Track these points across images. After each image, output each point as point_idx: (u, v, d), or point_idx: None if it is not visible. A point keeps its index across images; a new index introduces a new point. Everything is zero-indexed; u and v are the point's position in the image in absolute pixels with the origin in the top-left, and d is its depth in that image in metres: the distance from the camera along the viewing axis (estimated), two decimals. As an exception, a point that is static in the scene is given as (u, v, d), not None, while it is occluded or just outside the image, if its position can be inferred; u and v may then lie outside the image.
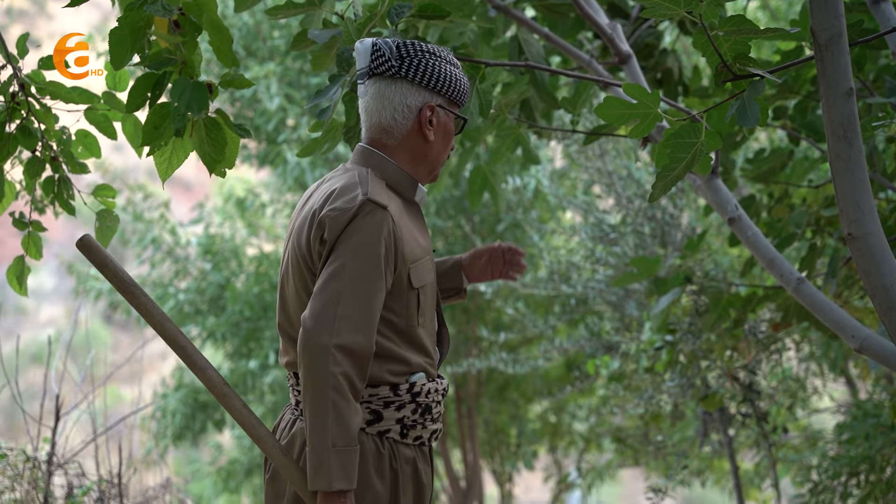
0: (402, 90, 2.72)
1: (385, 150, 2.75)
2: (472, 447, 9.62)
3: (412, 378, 2.69)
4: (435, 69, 2.72)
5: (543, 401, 9.68)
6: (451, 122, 2.79)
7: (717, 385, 5.67)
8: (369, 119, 2.76)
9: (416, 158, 2.77)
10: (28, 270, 3.22)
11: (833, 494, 5.87)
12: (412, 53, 2.71)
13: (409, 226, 2.71)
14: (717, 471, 8.52)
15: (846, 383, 7.62)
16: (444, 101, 2.76)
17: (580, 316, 7.58)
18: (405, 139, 2.75)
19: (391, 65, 2.70)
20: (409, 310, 2.67)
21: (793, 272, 3.24)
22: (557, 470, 10.50)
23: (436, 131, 2.76)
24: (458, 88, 2.76)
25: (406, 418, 2.68)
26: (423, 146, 2.76)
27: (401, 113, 2.73)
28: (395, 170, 2.73)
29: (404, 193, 2.74)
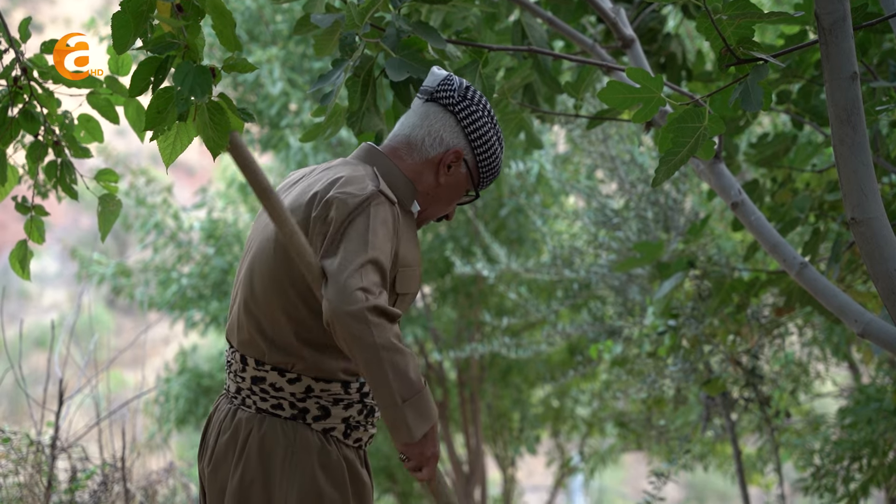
0: (446, 123, 2.73)
1: (396, 160, 2.74)
2: (474, 431, 9.63)
3: (363, 378, 2.66)
4: (483, 128, 2.74)
5: (546, 385, 9.69)
6: (465, 183, 2.77)
7: (720, 369, 5.67)
8: (401, 130, 2.77)
9: (422, 190, 2.75)
10: (31, 255, 3.23)
11: (835, 478, 5.88)
12: (475, 101, 2.74)
13: (407, 231, 2.70)
14: (719, 455, 8.53)
15: (849, 368, 7.62)
16: (472, 162, 2.75)
17: (583, 300, 7.58)
18: (420, 165, 2.73)
19: (452, 98, 2.73)
20: None
21: (796, 257, 3.24)
22: (560, 454, 10.52)
23: (448, 179, 2.75)
24: (489, 161, 2.76)
25: (352, 418, 2.68)
26: (430, 183, 2.75)
27: (432, 139, 2.73)
28: (398, 175, 2.72)
29: (403, 200, 2.71)
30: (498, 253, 7.09)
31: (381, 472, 9.61)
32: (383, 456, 9.40)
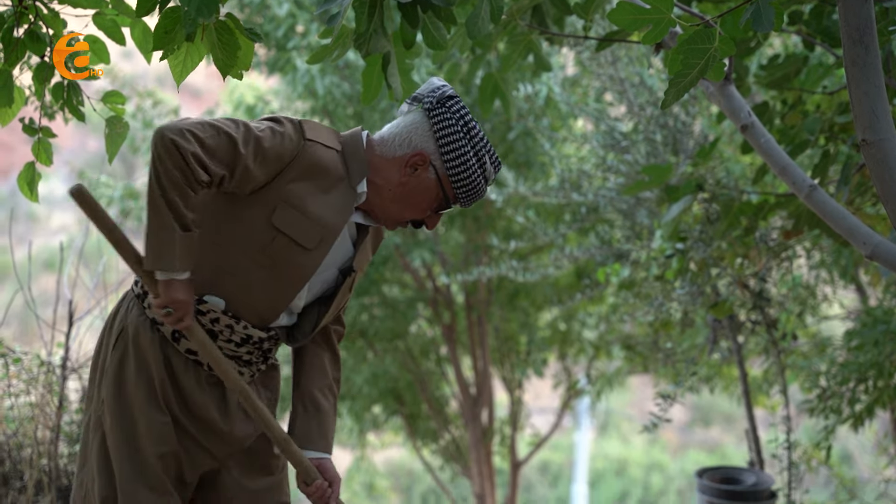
0: (420, 126, 2.77)
1: (367, 147, 2.81)
2: (482, 354, 9.69)
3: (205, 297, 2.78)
4: (456, 141, 2.75)
5: (553, 308, 9.73)
6: (433, 190, 2.79)
7: (727, 292, 5.68)
8: (385, 128, 2.85)
9: (382, 184, 2.79)
10: (39, 177, 3.22)
11: (841, 400, 5.92)
12: (451, 111, 2.76)
13: (322, 185, 2.73)
14: (725, 377, 8.58)
15: (856, 290, 7.63)
16: (441, 170, 2.77)
17: (591, 224, 7.57)
18: (386, 160, 2.79)
19: (431, 104, 2.76)
20: (246, 236, 2.72)
21: (805, 179, 3.23)
22: (567, 377, 10.59)
23: (412, 180, 2.77)
24: (461, 176, 2.77)
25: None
26: (394, 180, 2.78)
27: (402, 139, 2.79)
28: (360, 155, 2.78)
29: (351, 174, 2.77)
30: (506, 176, 7.07)
31: (390, 393, 9.69)
32: (391, 378, 9.47)
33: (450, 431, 10.25)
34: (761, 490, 5.86)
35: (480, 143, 2.77)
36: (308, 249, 2.76)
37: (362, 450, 11.20)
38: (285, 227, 2.71)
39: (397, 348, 9.52)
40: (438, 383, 10.23)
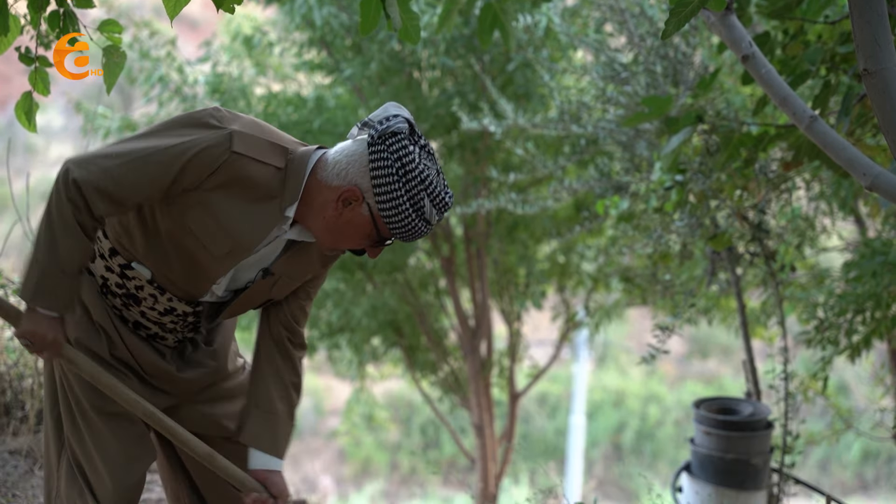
0: (358, 160, 2.67)
1: (316, 167, 2.72)
2: (481, 287, 9.71)
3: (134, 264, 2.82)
4: (389, 183, 2.64)
5: (552, 241, 9.73)
6: (367, 227, 2.71)
7: (726, 224, 5.68)
8: (339, 146, 2.74)
9: (318, 210, 2.73)
10: (36, 107, 3.20)
11: (838, 331, 5.94)
12: (390, 150, 2.63)
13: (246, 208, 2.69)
14: (723, 309, 8.62)
15: (855, 222, 7.64)
16: (374, 209, 2.67)
17: (590, 156, 7.55)
18: (325, 187, 2.70)
19: (372, 137, 2.65)
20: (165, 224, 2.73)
21: (806, 110, 3.21)
22: (565, 309, 10.63)
23: (345, 214, 2.69)
24: (394, 219, 2.67)
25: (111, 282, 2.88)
26: (330, 212, 2.71)
27: (339, 169, 2.69)
28: (299, 178, 2.70)
29: (286, 196, 2.71)
30: (505, 108, 7.04)
31: (389, 325, 9.73)
32: (390, 310, 9.49)
33: (449, 363, 10.30)
34: (758, 420, 5.90)
35: (419, 187, 2.63)
36: (216, 256, 2.74)
37: (361, 381, 11.26)
38: (196, 228, 2.70)
39: (396, 281, 9.55)
40: (437, 316, 10.26)
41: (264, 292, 2.88)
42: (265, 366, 2.98)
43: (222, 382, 3.06)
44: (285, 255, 2.83)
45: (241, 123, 2.67)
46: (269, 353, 2.99)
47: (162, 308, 2.86)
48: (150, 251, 2.77)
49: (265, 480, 2.91)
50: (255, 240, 2.73)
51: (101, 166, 2.60)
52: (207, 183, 2.64)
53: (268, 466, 2.92)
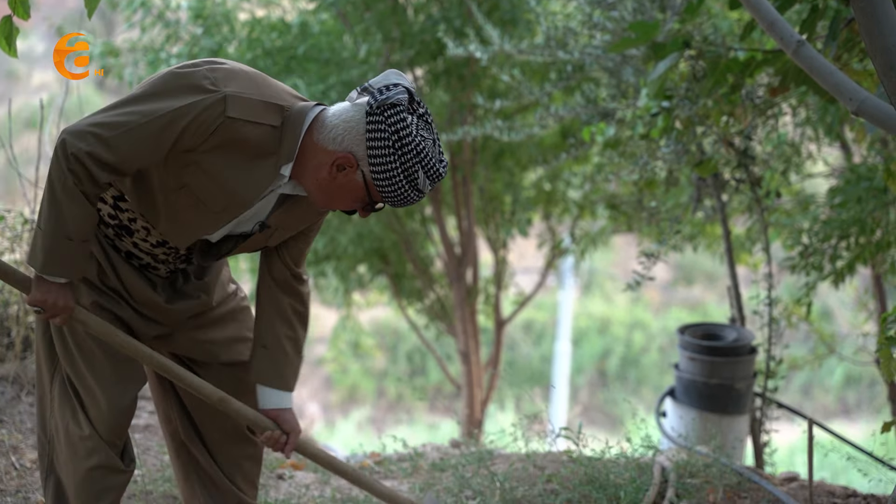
0: (355, 127, 2.68)
1: (312, 126, 2.73)
2: (466, 214, 9.71)
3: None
4: (385, 155, 2.66)
5: (538, 168, 9.71)
6: (360, 191, 2.73)
7: (713, 151, 5.68)
8: (336, 106, 2.75)
9: (312, 171, 2.74)
10: (17, 31, 3.16)
11: (822, 257, 5.97)
12: (388, 122, 2.65)
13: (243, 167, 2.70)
14: (708, 236, 8.64)
15: (841, 147, 7.64)
16: (368, 176, 2.69)
17: (576, 83, 7.51)
18: (320, 149, 2.71)
19: (370, 107, 2.66)
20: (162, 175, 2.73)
21: (793, 35, 3.19)
22: (551, 236, 10.64)
23: (339, 178, 2.71)
24: (388, 189, 2.70)
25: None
26: (324, 175, 2.73)
27: (335, 134, 2.70)
28: (295, 136, 2.71)
29: (281, 155, 2.72)
30: (491, 34, 6.98)
31: (374, 253, 9.73)
32: (376, 238, 9.50)
33: (435, 291, 10.33)
34: (742, 346, 5.95)
35: (414, 160, 2.66)
36: (213, 211, 2.76)
37: (348, 309, 11.29)
38: (193, 185, 2.72)
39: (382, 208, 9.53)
40: (423, 243, 10.27)
41: (261, 242, 2.93)
42: (269, 306, 3.03)
43: (213, 310, 3.08)
44: (281, 208, 2.86)
45: (235, 84, 2.67)
46: (272, 292, 3.03)
47: (154, 240, 2.87)
48: (142, 193, 2.77)
49: (276, 418, 3.00)
50: (252, 197, 2.76)
51: (99, 137, 2.62)
52: (203, 145, 2.66)
53: (279, 405, 3.01)
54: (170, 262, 2.94)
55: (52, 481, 2.99)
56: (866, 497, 4.32)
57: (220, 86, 2.64)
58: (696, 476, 4.36)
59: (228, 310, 3.12)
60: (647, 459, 4.49)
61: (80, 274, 2.75)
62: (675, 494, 4.15)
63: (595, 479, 4.16)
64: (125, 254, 2.90)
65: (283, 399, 3.02)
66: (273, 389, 3.01)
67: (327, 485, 4.41)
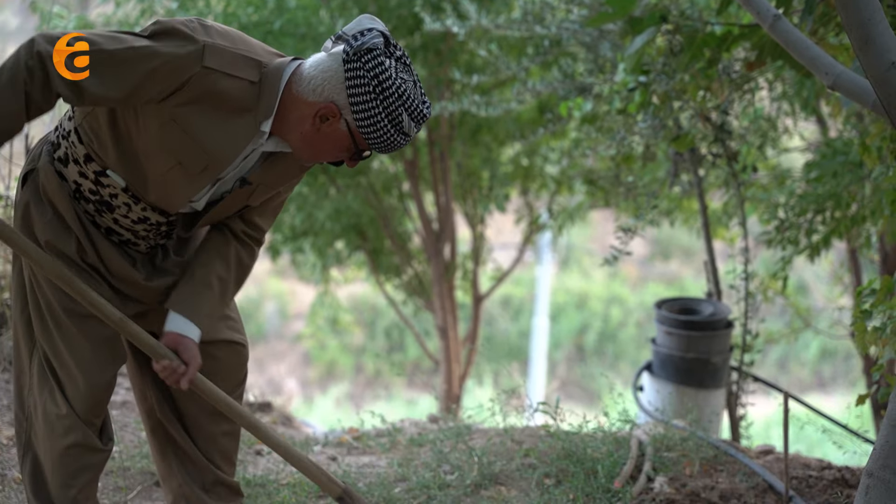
0: (334, 76, 2.66)
1: (291, 80, 2.70)
2: (444, 190, 9.70)
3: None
4: (367, 101, 2.65)
5: (516, 144, 9.70)
6: (345, 140, 2.71)
7: (689, 125, 5.68)
8: (313, 57, 2.73)
9: (294, 125, 2.72)
10: (-11, 7, 3.14)
11: (798, 231, 5.99)
12: (366, 68, 2.63)
13: (220, 123, 2.67)
14: (685, 210, 8.66)
15: (817, 122, 7.66)
16: (352, 124, 2.68)
17: (553, 58, 7.50)
18: (300, 102, 2.69)
19: (347, 55, 2.63)
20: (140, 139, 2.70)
21: (769, 9, 3.19)
22: (529, 212, 10.64)
23: (323, 129, 2.69)
24: (372, 134, 2.67)
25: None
26: (307, 128, 2.70)
27: (315, 85, 2.68)
28: (273, 91, 2.69)
29: (261, 110, 2.70)
30: (468, 9, 6.96)
31: (352, 229, 9.72)
32: (353, 213, 9.48)
33: (412, 266, 10.32)
34: (718, 320, 5.98)
35: (397, 103, 2.65)
36: (192, 173, 2.73)
37: (325, 285, 11.28)
38: (172, 145, 2.68)
39: (359, 184, 9.51)
40: (401, 219, 10.26)
41: (242, 200, 2.89)
42: (212, 246, 2.95)
43: None
44: (262, 165, 2.83)
45: (214, 36, 2.65)
46: (221, 235, 2.96)
47: (135, 217, 2.85)
48: (124, 162, 2.75)
49: (177, 345, 2.85)
50: (231, 155, 2.73)
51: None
52: (178, 97, 2.62)
53: (181, 330, 2.86)
54: (150, 238, 2.92)
55: (30, 459, 2.98)
56: (841, 469, 4.35)
57: (199, 36, 2.62)
58: (673, 449, 4.38)
59: None
60: (625, 433, 4.51)
61: None
62: (652, 468, 4.17)
63: (572, 453, 4.18)
64: (105, 230, 2.88)
65: (188, 328, 2.87)
66: (181, 316, 2.87)
67: (306, 460, 4.40)
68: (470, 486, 4.01)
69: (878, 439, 2.46)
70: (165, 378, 2.84)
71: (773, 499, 4.00)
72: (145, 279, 2.93)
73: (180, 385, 2.83)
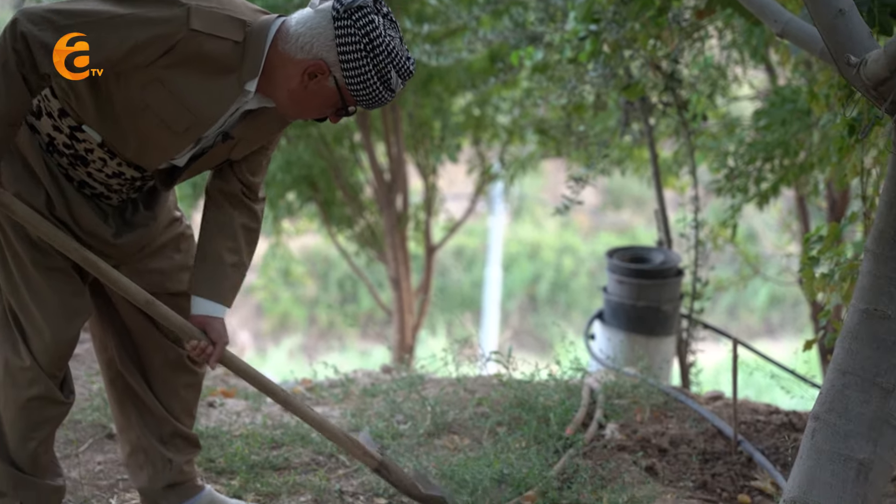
0: (323, 33, 2.64)
1: (276, 38, 2.68)
2: (396, 140, 9.66)
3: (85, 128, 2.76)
4: (357, 58, 2.63)
5: (467, 93, 9.67)
6: (333, 97, 2.70)
7: (640, 74, 5.69)
8: (298, 14, 2.69)
9: (281, 83, 2.70)
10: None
11: (747, 179, 6.04)
12: (356, 25, 2.61)
13: (205, 84, 2.65)
14: (636, 160, 8.69)
15: (766, 70, 7.70)
16: (341, 81, 2.66)
17: (504, 6, 7.45)
18: (287, 60, 2.67)
19: (337, 12, 2.61)
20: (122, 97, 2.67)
21: (719, -45, 3.19)
22: (481, 162, 10.63)
23: (310, 86, 2.68)
24: (361, 91, 2.67)
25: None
26: (294, 85, 2.68)
27: (303, 42, 2.65)
28: (259, 50, 2.66)
29: (245, 69, 2.67)
30: (418, -43, 6.90)
31: (303, 180, 9.67)
32: (304, 165, 9.43)
33: (364, 217, 10.30)
34: (669, 268, 6.03)
35: (386, 60, 2.65)
36: (176, 132, 2.71)
37: (277, 237, 11.22)
38: (155, 105, 2.66)
39: (310, 135, 9.44)
40: (352, 170, 10.21)
41: (223, 155, 2.88)
42: (213, 219, 2.98)
43: (159, 236, 3.04)
44: (244, 120, 2.82)
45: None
46: (220, 206, 2.98)
47: (110, 171, 2.82)
48: (101, 123, 2.72)
49: (205, 325, 2.93)
50: (216, 115, 2.72)
51: (53, 24, 2.54)
52: (164, 60, 2.60)
53: (208, 312, 2.94)
54: (123, 191, 2.90)
55: None
56: (788, 414, 4.42)
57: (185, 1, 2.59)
58: (624, 396, 4.43)
59: (173, 236, 3.08)
60: (576, 381, 4.54)
61: (2, 156, 2.67)
62: (604, 415, 4.21)
63: (525, 401, 4.21)
64: (77, 183, 2.85)
65: (214, 308, 2.95)
66: (205, 300, 2.95)
67: (258, 412, 4.41)
68: (423, 435, 4.04)
69: (824, 384, 2.49)
70: (196, 357, 2.94)
71: (723, 443, 4.06)
72: (114, 235, 2.91)
73: (210, 364, 2.93)
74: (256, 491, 3.58)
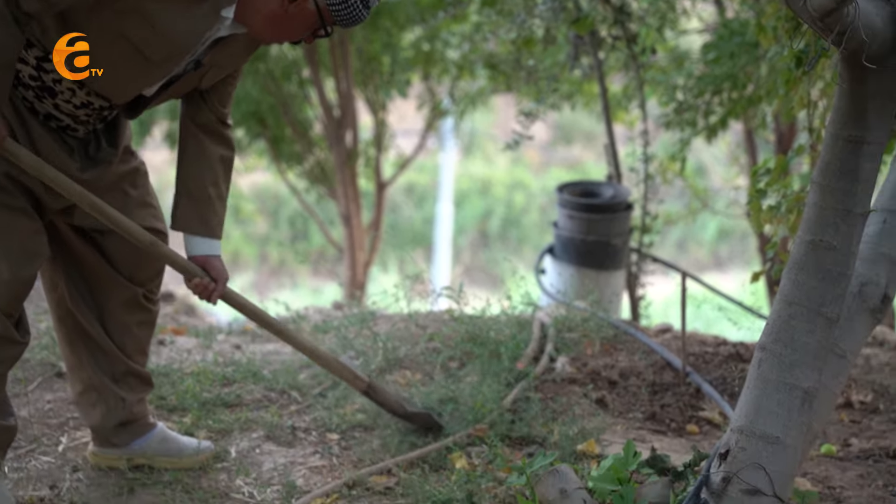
0: None
1: None
2: (345, 76, 9.59)
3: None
4: None
5: (416, 28, 9.60)
6: (312, 18, 2.70)
7: (589, 8, 5.67)
8: None
9: (259, 7, 2.70)
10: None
11: (696, 113, 6.06)
12: None
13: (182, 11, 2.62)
14: (586, 94, 8.69)
15: (715, 3, 7.69)
16: (322, 3, 2.68)
17: (453, -61, 7.39)
18: None
19: None
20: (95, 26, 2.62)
21: None
22: (431, 98, 10.59)
23: (290, 9, 2.68)
24: (341, 9, 2.68)
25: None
26: (275, 8, 2.69)
27: None
28: None
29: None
30: None
31: (252, 117, 9.58)
32: (252, 101, 9.34)
33: (314, 154, 10.25)
34: (619, 202, 6.05)
35: None
36: (153, 61, 2.69)
37: (227, 174, 11.14)
38: (132, 34, 2.63)
39: (258, 70, 9.35)
40: (301, 106, 10.14)
41: (193, 83, 2.89)
42: (193, 154, 3.01)
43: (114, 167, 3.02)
44: (215, 47, 2.81)
45: None
46: (197, 139, 3.01)
47: (78, 102, 2.79)
48: None
49: (205, 264, 3.04)
50: (192, 43, 2.71)
51: None
52: None
53: (207, 252, 3.04)
54: (90, 122, 2.86)
55: None
56: (736, 345, 4.47)
57: None
58: (575, 330, 4.46)
59: (129, 170, 3.05)
60: (527, 316, 4.57)
61: (3, 100, 2.63)
62: (555, 348, 4.24)
63: (476, 336, 4.23)
64: (44, 116, 2.80)
65: (211, 246, 3.05)
66: (200, 238, 3.03)
67: (209, 349, 4.40)
68: (375, 370, 4.05)
69: (770, 315, 2.52)
70: (198, 294, 3.02)
71: (671, 375, 4.10)
72: (79, 170, 2.87)
73: (212, 300, 3.04)
74: (208, 428, 3.58)
